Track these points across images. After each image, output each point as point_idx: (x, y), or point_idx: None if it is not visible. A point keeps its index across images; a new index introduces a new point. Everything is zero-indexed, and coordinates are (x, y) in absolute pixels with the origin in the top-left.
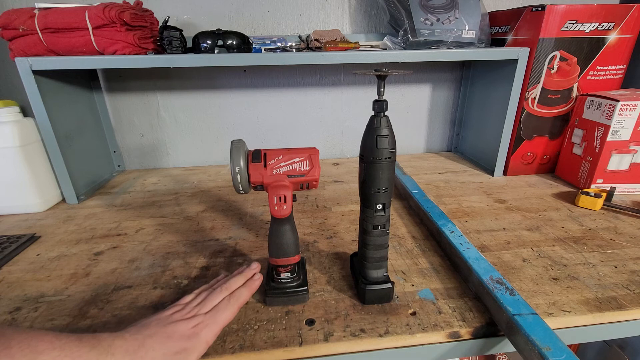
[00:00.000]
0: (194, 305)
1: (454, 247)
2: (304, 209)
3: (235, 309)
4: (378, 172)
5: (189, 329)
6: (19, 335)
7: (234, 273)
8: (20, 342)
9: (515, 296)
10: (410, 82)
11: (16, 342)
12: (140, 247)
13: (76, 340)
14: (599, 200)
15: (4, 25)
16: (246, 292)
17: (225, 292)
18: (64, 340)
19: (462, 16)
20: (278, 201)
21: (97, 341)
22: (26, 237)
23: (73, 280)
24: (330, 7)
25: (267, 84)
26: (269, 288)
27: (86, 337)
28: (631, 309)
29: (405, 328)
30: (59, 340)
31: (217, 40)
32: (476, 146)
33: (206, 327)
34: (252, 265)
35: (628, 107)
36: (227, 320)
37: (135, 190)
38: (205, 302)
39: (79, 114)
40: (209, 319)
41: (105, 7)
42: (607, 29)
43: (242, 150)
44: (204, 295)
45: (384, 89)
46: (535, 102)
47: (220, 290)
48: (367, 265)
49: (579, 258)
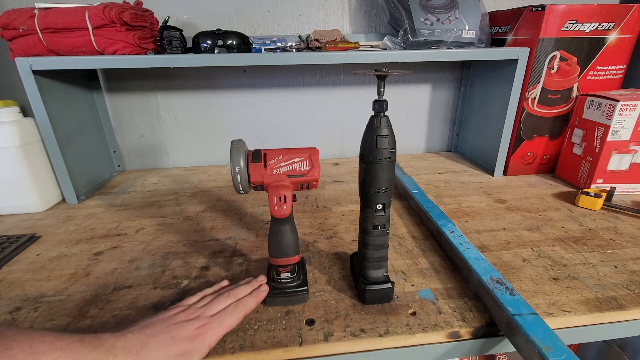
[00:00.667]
0: (199, 307)
1: (454, 247)
2: (304, 209)
3: (241, 316)
4: (378, 172)
5: (193, 329)
6: (20, 336)
7: (241, 282)
8: (22, 343)
9: (515, 296)
10: (410, 82)
11: (17, 343)
12: (140, 247)
13: (78, 341)
14: (599, 200)
15: (4, 25)
16: (252, 300)
17: (232, 298)
18: (65, 341)
19: (462, 16)
20: (278, 201)
21: (99, 341)
22: (26, 237)
23: (73, 280)
24: (330, 7)
25: (267, 84)
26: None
27: (88, 338)
28: (631, 309)
29: (405, 328)
30: (61, 341)
31: (217, 40)
32: (476, 146)
33: (211, 330)
34: (259, 277)
35: (628, 107)
36: (232, 326)
37: (135, 190)
38: (211, 305)
39: (79, 114)
40: (214, 322)
41: (105, 7)
42: (607, 29)
43: (242, 150)
44: (209, 298)
45: (384, 89)
46: (535, 102)
47: (228, 295)
48: (367, 265)
49: (579, 258)
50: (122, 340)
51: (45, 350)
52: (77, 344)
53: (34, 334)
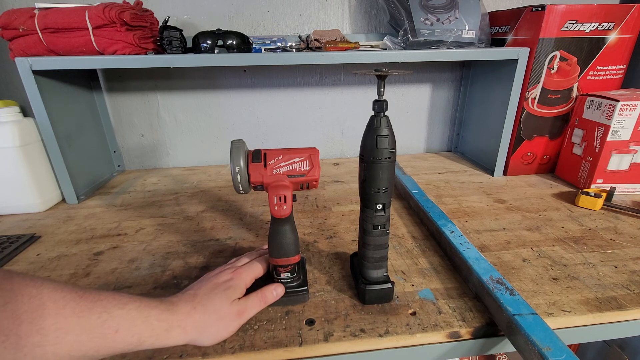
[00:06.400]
0: (229, 265)
1: (454, 247)
2: (304, 209)
3: (265, 265)
4: (378, 172)
5: (229, 274)
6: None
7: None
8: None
9: (515, 296)
10: (410, 82)
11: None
12: (140, 247)
13: (137, 301)
14: (599, 200)
15: (4, 25)
16: (265, 262)
17: (255, 254)
18: (137, 303)
19: (462, 16)
20: (278, 201)
21: (160, 302)
22: (26, 237)
23: (73, 280)
24: (330, 7)
25: (267, 84)
26: None
27: (154, 302)
28: (631, 309)
29: (405, 328)
30: (132, 301)
31: (217, 40)
32: (476, 146)
33: (245, 272)
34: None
35: (628, 107)
36: (261, 271)
37: (135, 190)
38: (238, 260)
39: (79, 114)
40: (245, 268)
41: (105, 7)
42: (607, 29)
43: (242, 150)
44: (232, 261)
45: (384, 89)
46: (535, 102)
47: (246, 255)
48: (367, 265)
49: (579, 258)
50: (175, 297)
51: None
52: (146, 302)
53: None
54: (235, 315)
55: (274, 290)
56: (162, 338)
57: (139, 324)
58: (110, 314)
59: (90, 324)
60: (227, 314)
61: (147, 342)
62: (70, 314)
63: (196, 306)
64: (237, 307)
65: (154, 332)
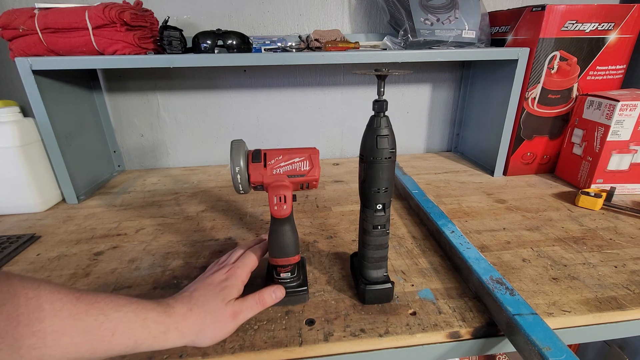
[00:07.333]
0: (221, 262)
1: (454, 247)
2: (304, 209)
3: (259, 255)
4: (378, 172)
5: (224, 273)
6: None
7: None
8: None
9: (515, 296)
10: (410, 82)
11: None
12: (140, 247)
13: (135, 303)
14: (599, 200)
15: (4, 25)
16: (263, 246)
17: (245, 248)
18: (134, 305)
19: (462, 16)
20: (278, 201)
21: (157, 304)
22: (26, 237)
23: (73, 281)
24: (330, 7)
25: (267, 84)
26: None
27: (143, 302)
28: (631, 309)
29: (405, 328)
30: (129, 303)
31: (217, 40)
32: (476, 146)
33: (239, 269)
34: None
35: (628, 107)
36: (254, 264)
37: (135, 190)
38: (230, 256)
39: (79, 114)
40: (239, 264)
41: (105, 7)
42: (607, 29)
43: (242, 150)
44: (226, 256)
45: (384, 89)
46: (535, 102)
47: (240, 247)
48: (367, 265)
49: (579, 258)
50: (172, 299)
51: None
52: (144, 304)
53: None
54: (230, 317)
55: (273, 293)
56: (160, 340)
57: (135, 327)
58: (107, 317)
59: (87, 326)
60: (223, 315)
61: (145, 344)
62: (66, 316)
63: (192, 308)
64: (232, 309)
65: (151, 334)
